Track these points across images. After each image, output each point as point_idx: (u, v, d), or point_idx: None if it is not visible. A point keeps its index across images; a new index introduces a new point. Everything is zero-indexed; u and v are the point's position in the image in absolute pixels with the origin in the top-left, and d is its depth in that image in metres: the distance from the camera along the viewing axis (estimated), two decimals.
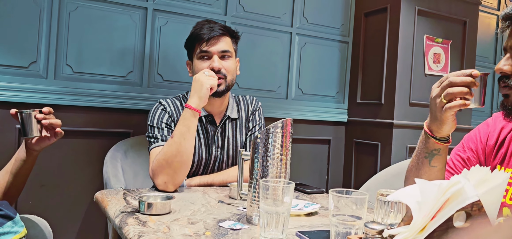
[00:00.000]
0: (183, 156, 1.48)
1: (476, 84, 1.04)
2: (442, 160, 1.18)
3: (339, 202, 0.88)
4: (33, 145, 1.33)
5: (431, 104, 1.12)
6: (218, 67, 1.64)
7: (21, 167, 1.34)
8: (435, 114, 1.11)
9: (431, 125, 1.15)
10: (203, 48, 1.65)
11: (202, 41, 1.65)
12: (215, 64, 1.64)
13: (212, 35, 1.65)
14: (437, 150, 1.16)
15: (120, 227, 1.07)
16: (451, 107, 1.06)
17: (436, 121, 1.12)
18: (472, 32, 2.82)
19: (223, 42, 1.68)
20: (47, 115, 1.30)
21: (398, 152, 2.57)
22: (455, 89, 1.05)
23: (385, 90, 2.63)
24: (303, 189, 1.65)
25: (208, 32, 1.65)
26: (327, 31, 2.81)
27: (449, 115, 1.08)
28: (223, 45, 1.67)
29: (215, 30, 1.66)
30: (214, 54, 1.65)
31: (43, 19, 2.03)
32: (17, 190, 1.38)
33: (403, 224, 0.72)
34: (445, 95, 1.06)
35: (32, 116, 1.27)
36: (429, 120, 1.15)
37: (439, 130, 1.13)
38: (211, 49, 1.65)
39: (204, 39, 1.64)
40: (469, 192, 0.64)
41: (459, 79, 1.05)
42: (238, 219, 1.16)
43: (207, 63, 1.65)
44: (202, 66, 1.65)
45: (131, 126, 2.24)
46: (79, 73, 2.11)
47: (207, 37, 1.64)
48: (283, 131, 1.14)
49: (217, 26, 1.68)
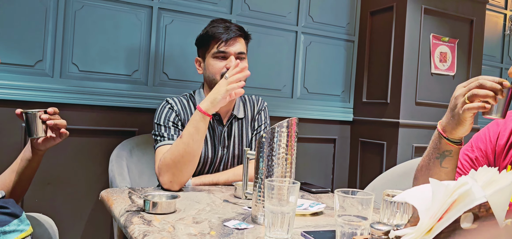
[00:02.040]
0: (190, 157, 1.48)
1: (503, 94, 1.03)
2: (453, 161, 1.16)
3: (345, 202, 0.87)
4: (39, 144, 1.33)
5: (451, 103, 1.10)
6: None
7: (26, 166, 1.34)
8: (453, 113, 1.09)
9: (446, 125, 1.13)
10: (221, 49, 1.64)
11: (220, 41, 1.64)
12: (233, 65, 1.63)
13: (231, 36, 1.64)
14: (449, 151, 1.15)
15: (125, 226, 1.07)
16: (470, 109, 1.04)
17: (453, 120, 1.10)
18: (479, 31, 2.80)
19: (240, 44, 1.68)
20: (52, 116, 1.30)
21: (404, 151, 2.56)
22: (481, 91, 1.03)
23: (391, 90, 2.61)
24: (308, 188, 1.65)
25: (226, 32, 1.64)
26: (333, 30, 2.80)
27: (468, 117, 1.06)
28: (240, 47, 1.68)
29: (233, 31, 1.66)
30: (231, 55, 1.65)
31: (49, 18, 2.04)
32: (23, 188, 1.39)
33: (410, 225, 0.71)
34: (470, 96, 1.04)
35: (37, 116, 1.27)
36: (445, 119, 1.13)
37: (453, 131, 1.11)
38: (229, 50, 1.65)
39: (222, 39, 1.64)
40: (477, 193, 0.64)
41: (489, 83, 1.03)
42: (243, 219, 1.16)
43: (223, 63, 1.65)
44: (219, 66, 1.65)
45: (137, 124, 2.24)
46: (85, 72, 2.12)
47: (225, 38, 1.64)
48: (289, 130, 1.13)
49: (234, 27, 1.68)
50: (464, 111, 1.05)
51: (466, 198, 0.64)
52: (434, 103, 2.63)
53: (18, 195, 1.39)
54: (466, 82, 1.08)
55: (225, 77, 1.52)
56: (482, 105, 1.03)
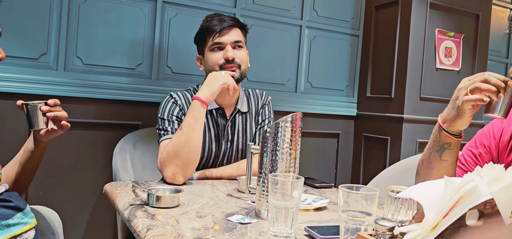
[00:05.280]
0: (191, 147, 1.48)
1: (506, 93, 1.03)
2: (452, 154, 1.17)
3: (349, 198, 0.87)
4: (41, 136, 1.32)
5: (454, 94, 1.11)
6: (232, 56, 1.64)
7: (29, 158, 1.34)
8: (454, 105, 1.11)
9: (446, 117, 1.14)
10: (216, 40, 1.65)
11: (214, 33, 1.65)
12: (229, 54, 1.64)
13: (224, 26, 1.65)
14: (448, 144, 1.16)
15: (129, 220, 1.07)
16: (469, 100, 1.06)
17: (452, 112, 1.12)
18: (485, 26, 2.77)
19: (235, 32, 1.68)
20: (53, 108, 1.29)
21: (408, 146, 2.55)
22: (484, 85, 1.04)
23: (395, 85, 2.60)
24: (312, 183, 1.65)
25: (219, 23, 1.65)
26: (337, 24, 2.78)
27: (467, 109, 1.08)
28: (235, 36, 1.67)
29: (226, 21, 1.67)
30: (227, 44, 1.65)
31: (53, 11, 2.03)
32: (27, 180, 1.39)
33: (415, 221, 0.71)
34: (472, 88, 1.06)
35: (37, 108, 1.26)
36: (446, 111, 1.15)
37: (452, 123, 1.13)
38: (224, 39, 1.65)
39: (216, 31, 1.65)
40: (482, 190, 0.63)
41: (493, 79, 1.04)
42: (247, 213, 1.16)
43: (220, 54, 1.65)
44: (216, 58, 1.65)
45: (140, 118, 2.24)
46: (89, 65, 2.12)
47: (219, 29, 1.64)
48: (293, 125, 1.13)
49: (227, 18, 1.69)
50: (464, 103, 1.07)
51: (472, 195, 0.64)
52: (438, 99, 2.62)
53: (22, 187, 1.39)
54: (472, 76, 1.10)
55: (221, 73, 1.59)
56: (480, 98, 1.04)
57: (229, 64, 1.65)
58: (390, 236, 0.74)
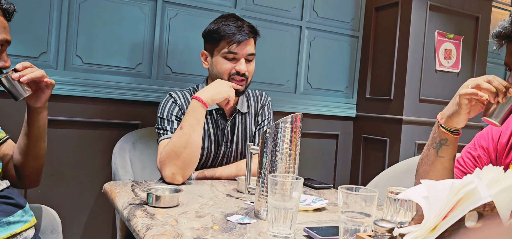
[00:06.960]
0: (192, 148, 1.48)
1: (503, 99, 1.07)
2: (449, 151, 1.21)
3: (348, 199, 0.87)
4: (32, 102, 1.28)
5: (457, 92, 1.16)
6: (244, 71, 1.64)
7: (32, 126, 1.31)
8: (454, 100, 1.16)
9: (444, 112, 1.19)
10: (233, 50, 1.62)
11: (232, 43, 1.62)
12: (242, 68, 1.63)
13: (243, 39, 1.62)
14: (445, 140, 1.20)
15: (128, 219, 1.07)
16: (465, 94, 1.10)
17: (451, 108, 1.16)
18: (485, 28, 2.78)
19: (250, 46, 1.67)
20: (24, 71, 1.21)
21: (407, 148, 2.55)
22: (485, 84, 1.09)
23: (395, 86, 2.61)
24: (311, 184, 1.65)
25: (238, 32, 1.62)
26: (337, 25, 2.78)
27: (463, 104, 1.12)
28: (250, 48, 1.66)
29: (245, 32, 1.63)
30: (242, 57, 1.64)
31: (53, 10, 2.03)
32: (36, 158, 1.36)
33: (414, 222, 0.71)
34: (474, 85, 1.11)
35: (10, 78, 1.20)
36: (446, 108, 1.20)
37: (449, 119, 1.17)
38: (240, 51, 1.63)
39: (234, 41, 1.61)
40: (482, 192, 0.63)
41: (496, 82, 1.09)
42: (246, 213, 1.16)
43: (232, 64, 1.64)
44: (227, 67, 1.64)
45: (140, 117, 2.24)
46: (88, 65, 2.12)
47: (238, 39, 1.61)
48: (293, 126, 1.13)
49: (246, 27, 1.65)
50: (460, 96, 1.12)
51: (471, 197, 0.64)
52: (438, 101, 2.62)
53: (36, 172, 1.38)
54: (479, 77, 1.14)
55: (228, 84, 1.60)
56: (476, 92, 1.09)
57: (238, 77, 1.64)
58: (389, 237, 0.74)
